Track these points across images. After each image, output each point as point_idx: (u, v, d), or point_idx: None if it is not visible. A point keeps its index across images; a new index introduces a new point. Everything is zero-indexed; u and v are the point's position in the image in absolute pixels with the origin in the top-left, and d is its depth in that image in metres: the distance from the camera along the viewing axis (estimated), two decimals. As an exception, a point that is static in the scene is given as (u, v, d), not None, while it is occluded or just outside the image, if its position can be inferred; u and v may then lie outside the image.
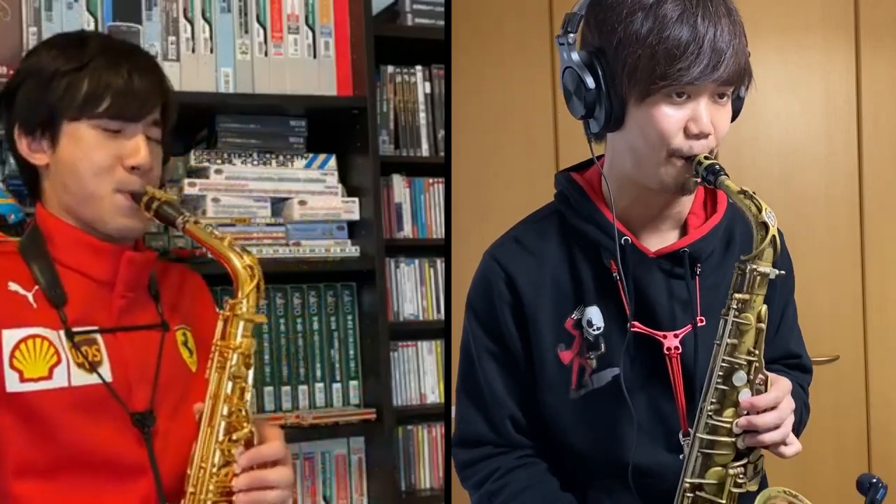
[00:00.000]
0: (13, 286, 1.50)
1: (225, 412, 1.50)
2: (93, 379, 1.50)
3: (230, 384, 1.50)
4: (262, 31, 2.38)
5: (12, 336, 1.47)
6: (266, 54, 2.38)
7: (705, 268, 1.43)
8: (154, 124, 1.58)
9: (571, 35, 1.37)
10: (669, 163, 1.34)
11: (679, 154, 1.33)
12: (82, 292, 1.54)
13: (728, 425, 1.30)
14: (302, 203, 2.38)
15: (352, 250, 2.42)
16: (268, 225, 2.35)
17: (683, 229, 1.46)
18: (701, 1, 1.30)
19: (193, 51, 2.31)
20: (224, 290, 2.33)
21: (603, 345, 1.41)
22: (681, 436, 1.39)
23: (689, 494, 1.32)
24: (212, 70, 2.31)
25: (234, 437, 1.50)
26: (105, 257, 1.55)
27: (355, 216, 2.43)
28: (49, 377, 1.47)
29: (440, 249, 2.61)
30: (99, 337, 1.53)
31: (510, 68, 2.58)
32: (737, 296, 1.30)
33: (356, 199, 2.44)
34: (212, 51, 2.32)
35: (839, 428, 2.74)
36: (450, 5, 2.28)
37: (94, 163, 1.52)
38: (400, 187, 2.60)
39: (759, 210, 1.28)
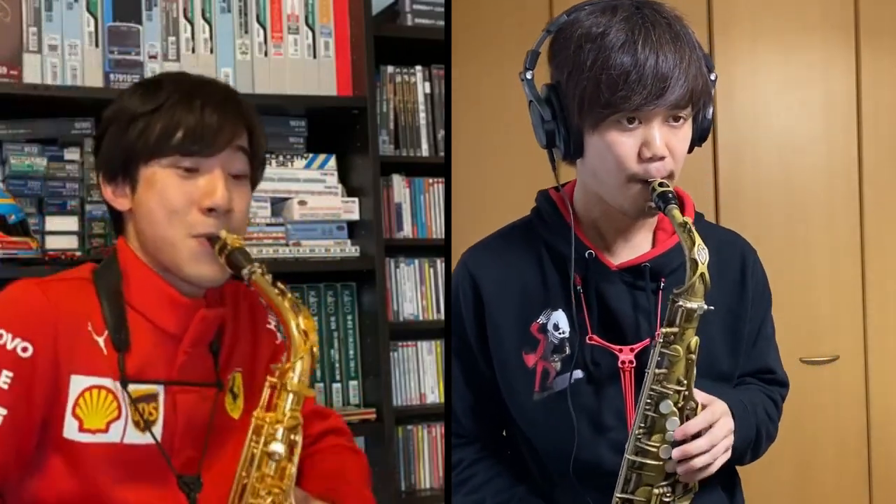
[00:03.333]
0: (90, 328, 1.45)
1: (262, 492, 1.40)
2: (145, 438, 1.46)
3: (273, 464, 1.40)
4: (262, 31, 2.38)
5: (79, 383, 1.43)
6: (266, 54, 2.38)
7: (671, 281, 1.45)
8: (239, 154, 1.50)
9: (530, 72, 1.43)
10: (628, 187, 1.37)
11: (636, 178, 1.36)
12: (147, 341, 1.48)
13: (655, 449, 1.35)
14: (302, 203, 2.38)
15: (352, 250, 2.42)
16: (268, 225, 2.35)
17: (654, 243, 1.50)
18: (643, 29, 1.33)
19: (193, 51, 2.31)
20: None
21: (568, 348, 1.44)
22: (626, 448, 1.41)
23: None
24: (212, 70, 2.31)
25: None
26: (179, 311, 1.49)
27: (355, 216, 2.43)
28: (105, 430, 1.44)
29: (440, 249, 2.61)
30: (160, 393, 1.48)
31: (510, 68, 2.56)
32: (665, 330, 1.33)
33: (356, 199, 2.44)
34: (212, 51, 2.32)
35: (839, 428, 2.74)
36: (450, 5, 2.28)
37: (168, 206, 1.45)
38: (400, 187, 2.60)
39: (693, 245, 1.31)
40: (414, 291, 2.60)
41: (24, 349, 1.39)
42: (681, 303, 1.32)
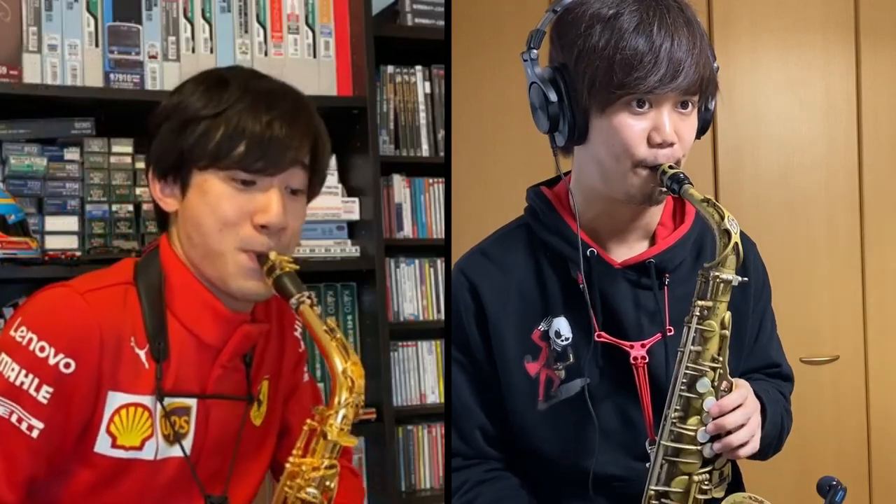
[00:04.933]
0: (132, 342, 1.40)
1: None
2: (174, 451, 1.44)
3: None
4: (262, 31, 2.38)
5: (116, 400, 1.39)
6: (266, 54, 2.38)
7: (674, 278, 1.43)
8: (299, 169, 1.43)
9: (535, 51, 1.39)
10: (635, 173, 1.34)
11: (644, 164, 1.34)
12: (185, 351, 1.43)
13: (692, 433, 1.31)
14: (302, 203, 2.38)
15: (352, 250, 2.42)
16: (268, 225, 2.35)
17: (652, 240, 1.47)
18: (658, 11, 1.31)
19: (193, 51, 2.31)
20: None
21: (571, 355, 1.41)
22: (647, 444, 1.38)
23: (654, 502, 1.33)
24: (212, 70, 2.31)
25: None
26: (221, 324, 1.44)
27: (355, 216, 2.43)
28: (140, 448, 1.41)
29: (440, 249, 2.61)
30: (194, 406, 1.45)
31: (510, 68, 2.56)
32: (700, 303, 1.30)
33: (356, 199, 2.44)
34: (212, 51, 2.32)
35: (839, 428, 2.74)
36: (450, 5, 2.27)
37: (220, 217, 1.38)
38: (400, 187, 2.60)
39: (722, 217, 1.29)
40: (414, 291, 2.60)
41: (67, 365, 1.34)
42: (715, 274, 1.29)
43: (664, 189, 1.33)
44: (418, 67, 2.64)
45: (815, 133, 2.72)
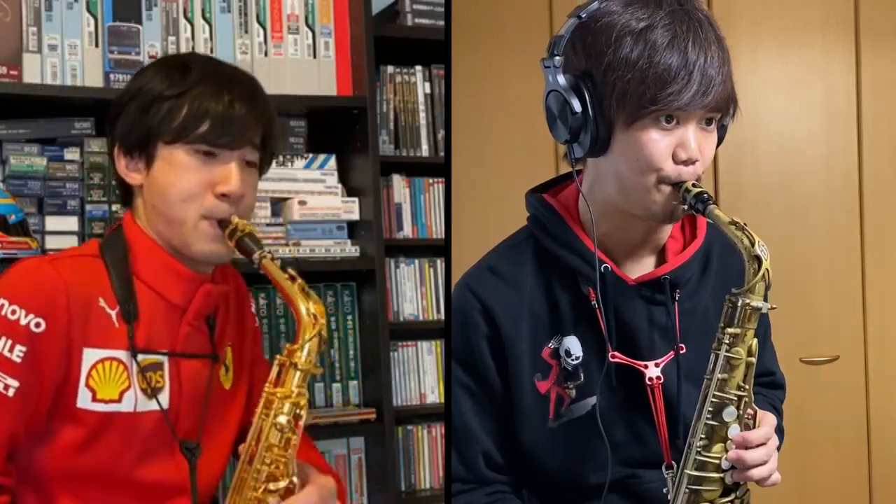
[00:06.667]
0: (102, 303, 1.51)
1: (267, 461, 1.49)
2: (152, 405, 1.54)
3: (278, 435, 1.49)
4: (262, 31, 2.38)
5: (92, 355, 1.49)
6: (266, 54, 2.38)
7: (684, 293, 1.41)
8: (253, 148, 1.57)
9: (557, 58, 1.34)
10: (657, 189, 1.32)
11: (667, 181, 1.32)
12: (153, 312, 1.55)
13: (716, 461, 1.29)
14: (302, 203, 2.38)
15: (352, 250, 2.42)
16: (268, 225, 2.35)
17: (660, 254, 1.44)
18: (692, 27, 1.29)
19: (193, 51, 2.31)
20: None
21: (582, 374, 1.39)
22: (663, 468, 1.37)
23: None
24: (212, 70, 2.31)
25: (272, 486, 1.50)
26: (184, 283, 1.57)
27: (355, 216, 2.43)
28: (119, 400, 1.51)
29: (440, 249, 2.61)
30: (166, 362, 1.55)
31: (510, 68, 2.58)
32: (729, 330, 1.28)
33: (356, 199, 2.44)
34: (212, 51, 2.32)
35: (839, 428, 2.74)
36: (450, 5, 2.27)
37: (184, 187, 1.51)
38: (400, 187, 2.60)
39: (752, 244, 1.27)
40: (414, 291, 2.60)
41: (38, 325, 1.45)
42: (745, 301, 1.26)
43: (686, 207, 1.31)
44: (418, 67, 2.64)
45: (815, 133, 2.72)
